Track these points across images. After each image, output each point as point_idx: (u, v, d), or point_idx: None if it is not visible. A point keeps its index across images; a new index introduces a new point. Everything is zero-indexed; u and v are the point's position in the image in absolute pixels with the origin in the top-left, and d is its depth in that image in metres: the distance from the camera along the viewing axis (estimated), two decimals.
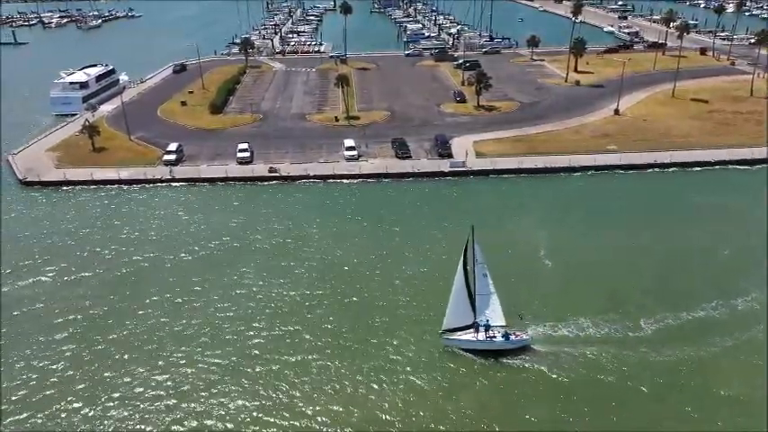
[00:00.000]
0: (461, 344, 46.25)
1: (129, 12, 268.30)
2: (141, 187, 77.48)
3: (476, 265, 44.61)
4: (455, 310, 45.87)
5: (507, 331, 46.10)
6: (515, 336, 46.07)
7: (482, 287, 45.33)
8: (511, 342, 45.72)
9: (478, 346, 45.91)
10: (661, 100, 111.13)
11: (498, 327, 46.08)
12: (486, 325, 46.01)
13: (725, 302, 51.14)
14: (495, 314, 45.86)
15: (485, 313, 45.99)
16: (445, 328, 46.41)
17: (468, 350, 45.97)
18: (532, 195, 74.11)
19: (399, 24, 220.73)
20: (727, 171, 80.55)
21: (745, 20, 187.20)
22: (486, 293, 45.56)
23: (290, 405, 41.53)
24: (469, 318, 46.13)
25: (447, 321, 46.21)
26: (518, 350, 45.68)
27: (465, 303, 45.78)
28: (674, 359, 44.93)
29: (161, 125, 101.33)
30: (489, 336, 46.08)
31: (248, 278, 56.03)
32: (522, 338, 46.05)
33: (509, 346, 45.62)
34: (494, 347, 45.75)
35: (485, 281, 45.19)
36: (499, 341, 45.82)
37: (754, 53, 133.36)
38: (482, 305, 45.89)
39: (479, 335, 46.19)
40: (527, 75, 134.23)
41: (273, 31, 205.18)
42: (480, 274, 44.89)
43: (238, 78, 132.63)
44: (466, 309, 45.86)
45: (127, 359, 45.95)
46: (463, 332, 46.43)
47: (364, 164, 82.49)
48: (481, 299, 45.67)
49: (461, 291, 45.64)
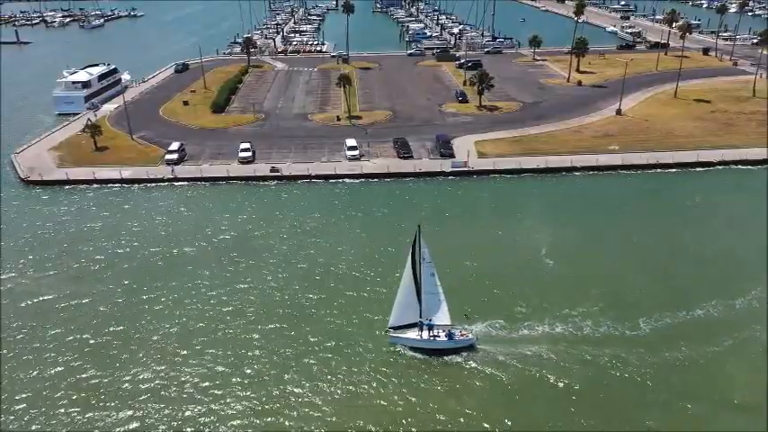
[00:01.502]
0: (406, 342, 46.68)
1: (131, 11, 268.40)
2: (143, 187, 77.55)
3: (423, 264, 44.64)
4: (402, 307, 46.17)
5: (451, 331, 46.42)
6: (460, 335, 46.33)
7: (429, 286, 45.30)
8: (454, 342, 45.97)
9: (422, 345, 46.28)
10: (663, 100, 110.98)
11: (442, 326, 46.34)
12: (429, 324, 46.29)
13: (724, 302, 51.10)
14: (441, 313, 46.00)
15: (431, 312, 46.12)
16: (391, 326, 46.77)
17: (413, 348, 46.34)
18: (534, 195, 74.08)
19: (401, 24, 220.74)
20: (730, 171, 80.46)
21: (747, 20, 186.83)
22: (433, 292, 45.58)
23: (288, 404, 41.66)
24: (415, 316, 46.32)
25: (393, 319, 46.59)
26: (463, 349, 45.90)
27: (412, 302, 45.92)
28: (670, 358, 44.96)
29: (163, 124, 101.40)
30: (433, 335, 46.35)
31: (249, 276, 56.10)
32: (466, 338, 46.23)
33: (453, 346, 45.86)
34: (437, 347, 46.04)
35: (432, 280, 45.19)
36: (442, 340, 46.11)
37: (756, 53, 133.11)
38: (429, 304, 45.96)
39: (423, 334, 46.48)
40: (529, 75, 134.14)
41: (275, 30, 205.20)
42: (428, 273, 44.91)
43: (240, 78, 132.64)
44: (412, 307, 46.02)
45: (128, 357, 46.01)
46: (408, 330, 46.79)
47: (366, 163, 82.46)
48: (428, 298, 45.73)
49: (408, 289, 45.70)
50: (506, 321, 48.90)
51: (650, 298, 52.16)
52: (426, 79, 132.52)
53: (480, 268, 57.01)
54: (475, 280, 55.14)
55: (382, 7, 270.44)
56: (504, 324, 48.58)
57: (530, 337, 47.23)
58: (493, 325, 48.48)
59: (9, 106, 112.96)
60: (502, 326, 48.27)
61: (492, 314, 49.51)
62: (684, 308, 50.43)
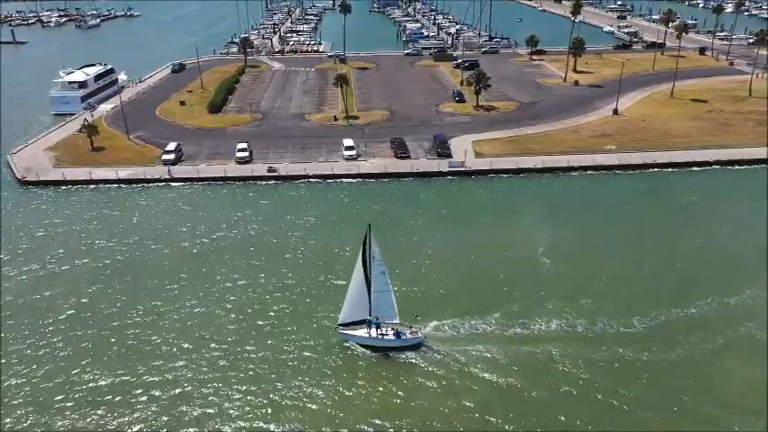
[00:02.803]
0: (355, 339, 47.14)
1: (127, 11, 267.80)
2: (140, 187, 77.39)
3: (373, 263, 44.91)
4: (352, 305, 46.63)
5: (399, 329, 46.77)
6: (408, 334, 46.56)
7: (380, 284, 45.60)
8: (402, 340, 46.41)
9: (371, 343, 46.71)
10: (660, 100, 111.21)
11: (390, 324, 46.74)
12: (377, 323, 46.60)
13: (719, 300, 51.34)
14: (390, 312, 46.33)
15: (381, 310, 46.39)
16: (341, 323, 47.14)
17: (362, 345, 46.71)
18: (531, 195, 74.14)
19: (398, 24, 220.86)
20: (727, 171, 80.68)
21: (744, 20, 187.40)
22: (383, 291, 45.85)
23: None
24: (365, 313, 46.67)
25: (343, 315, 47.08)
26: (412, 347, 46.20)
27: (362, 299, 46.19)
28: (665, 357, 45.17)
29: (160, 125, 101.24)
30: (381, 333, 46.71)
31: (242, 276, 56.06)
32: (414, 337, 46.52)
33: (400, 344, 46.25)
34: (385, 345, 46.44)
35: (383, 278, 45.48)
36: (390, 339, 46.52)
37: (753, 53, 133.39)
38: (379, 302, 46.20)
39: (372, 331, 46.87)
40: (526, 75, 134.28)
41: (272, 30, 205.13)
42: (378, 271, 45.17)
43: (237, 78, 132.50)
44: (362, 305, 46.34)
45: (122, 354, 46.04)
46: (357, 328, 47.17)
47: (363, 163, 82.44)
48: (378, 296, 45.96)
49: (359, 287, 46.03)
50: (502, 318, 49.09)
51: (646, 296, 52.32)
52: (424, 79, 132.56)
53: (475, 267, 57.19)
54: (468, 278, 55.28)
55: (379, 7, 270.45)
56: (499, 321, 48.83)
57: (524, 336, 47.41)
58: (488, 322, 48.75)
59: (5, 106, 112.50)
60: (495, 322, 48.63)
61: (486, 311, 49.69)
62: (679, 306, 50.62)
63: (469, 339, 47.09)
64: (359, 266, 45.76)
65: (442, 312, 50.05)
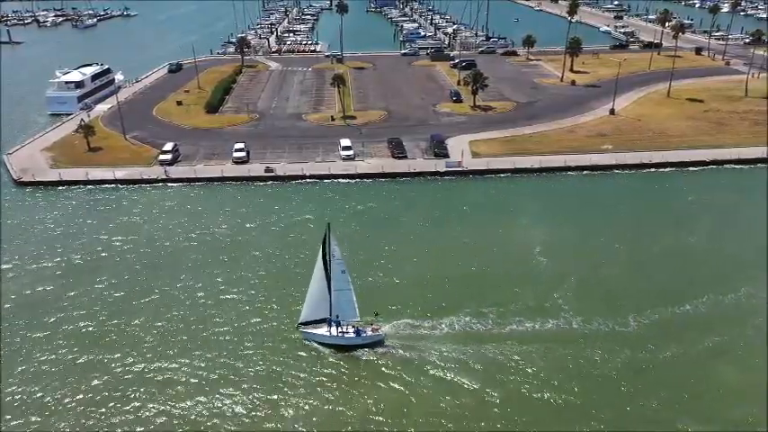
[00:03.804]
0: (316, 337, 47.27)
1: (124, 11, 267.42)
2: (137, 187, 77.27)
3: (333, 262, 45.03)
4: (312, 304, 46.76)
5: (359, 327, 46.85)
6: (369, 331, 46.79)
7: (340, 283, 45.76)
8: (362, 338, 46.58)
9: (331, 341, 46.86)
10: (656, 100, 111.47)
11: (351, 322, 46.88)
12: (337, 321, 46.76)
13: (714, 299, 51.59)
14: (350, 310, 46.47)
15: (341, 309, 46.50)
16: (301, 321, 47.40)
17: (323, 344, 46.81)
18: (528, 195, 74.30)
19: (395, 24, 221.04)
20: (723, 171, 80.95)
21: (740, 20, 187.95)
22: (343, 289, 46.01)
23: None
24: (325, 312, 46.87)
25: (304, 314, 47.28)
26: (373, 345, 46.42)
27: (322, 298, 46.34)
28: (661, 355, 45.36)
29: (156, 125, 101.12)
30: (341, 331, 46.91)
31: (242, 276, 56.08)
32: (375, 334, 46.74)
33: (361, 342, 46.45)
34: (346, 343, 46.61)
35: (343, 277, 45.64)
36: (351, 337, 46.70)
37: (749, 53, 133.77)
38: (339, 301, 46.32)
39: (332, 330, 47.05)
40: (523, 74, 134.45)
41: (269, 30, 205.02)
42: (338, 270, 45.35)
43: (234, 78, 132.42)
44: (322, 303, 46.50)
45: (119, 356, 46.02)
46: (318, 326, 47.41)
47: (360, 163, 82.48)
48: (339, 295, 46.11)
49: (319, 286, 46.19)
50: (497, 317, 49.29)
51: (640, 295, 52.58)
52: (421, 79, 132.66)
53: (471, 265, 57.41)
54: (465, 277, 55.46)
55: (376, 7, 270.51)
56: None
57: (517, 333, 47.68)
58: (481, 321, 48.91)
59: (2, 106, 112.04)
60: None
61: (479, 309, 49.92)
62: (675, 304, 50.87)
63: (433, 338, 47.15)
64: (319, 265, 46.00)
65: (412, 310, 50.23)
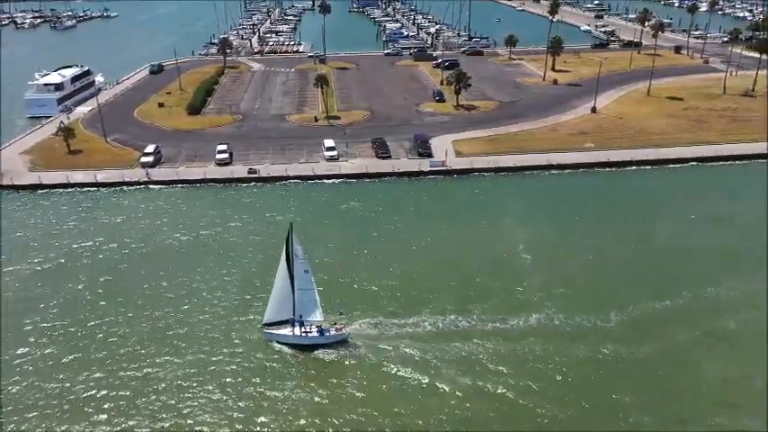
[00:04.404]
0: (278, 338, 47.29)
1: (104, 12, 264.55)
2: (118, 190, 76.54)
3: (296, 261, 45.06)
4: (276, 304, 46.86)
5: (323, 327, 46.96)
6: (333, 331, 46.89)
7: (303, 283, 45.82)
8: (326, 337, 46.65)
9: (295, 341, 46.90)
10: (637, 98, 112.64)
11: (315, 322, 46.96)
12: (300, 321, 46.80)
13: (694, 293, 52.26)
14: (314, 310, 46.55)
15: (305, 308, 46.55)
16: (265, 322, 47.44)
17: (286, 344, 46.86)
18: (512, 193, 74.77)
19: (378, 24, 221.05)
20: (703, 168, 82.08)
21: (718, 18, 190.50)
22: (306, 289, 46.07)
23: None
24: (289, 312, 46.87)
25: (268, 315, 47.37)
26: (337, 344, 46.52)
27: (286, 298, 46.37)
28: (642, 349, 45.90)
29: (138, 127, 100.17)
30: (305, 331, 46.98)
31: (222, 277, 55.77)
32: (338, 334, 46.82)
33: (324, 341, 46.50)
34: (309, 342, 46.69)
35: (306, 277, 45.73)
36: (314, 336, 46.77)
37: (727, 51, 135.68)
38: (303, 301, 46.38)
39: (296, 330, 47.08)
40: (505, 74, 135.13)
41: (252, 30, 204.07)
42: (301, 270, 45.42)
43: (216, 79, 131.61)
44: (286, 304, 46.52)
45: (94, 359, 45.70)
46: (281, 326, 47.42)
47: (344, 164, 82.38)
48: (302, 294, 46.17)
49: (283, 286, 46.22)
50: (481, 313, 49.60)
51: (622, 291, 53.22)
52: (404, 79, 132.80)
53: (454, 264, 57.78)
54: (447, 275, 55.73)
55: (359, 7, 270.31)
56: (480, 316, 49.31)
57: (499, 330, 48.00)
58: (465, 318, 49.29)
59: None
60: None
61: (464, 306, 50.15)
62: (656, 299, 51.53)
63: (402, 336, 47.35)
64: (282, 265, 45.93)
65: (384, 309, 50.54)
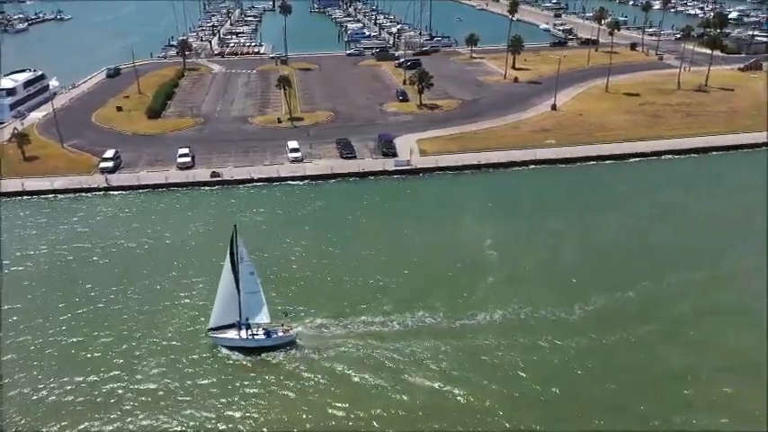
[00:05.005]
0: (225, 341, 46.88)
1: (57, 14, 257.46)
2: (77, 196, 74.68)
3: (242, 264, 44.84)
4: (221, 308, 46.33)
5: (269, 329, 46.89)
6: (280, 332, 46.82)
7: (249, 285, 45.57)
8: (272, 339, 46.55)
9: (241, 344, 46.58)
10: (595, 95, 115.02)
11: (261, 324, 46.75)
12: (246, 324, 46.68)
13: (652, 284, 53.59)
14: (261, 312, 46.34)
15: (251, 311, 46.32)
16: (211, 327, 46.96)
17: (234, 348, 46.57)
18: (477, 190, 75.47)
19: (340, 24, 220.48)
20: (661, 161, 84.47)
21: (670, 16, 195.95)
22: (253, 292, 45.84)
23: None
24: (235, 316, 46.51)
25: (214, 319, 46.74)
26: (284, 346, 46.45)
27: (231, 302, 46.02)
28: (606, 340, 46.98)
29: (96, 132, 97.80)
30: (251, 333, 46.84)
31: (184, 282, 54.97)
32: (285, 335, 46.70)
33: (271, 344, 46.40)
34: (256, 345, 46.48)
35: (252, 279, 45.52)
36: (261, 338, 46.63)
37: (680, 48, 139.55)
38: (249, 303, 46.14)
39: (242, 333, 46.83)
40: (467, 73, 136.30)
41: (211, 32, 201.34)
42: (247, 272, 45.17)
43: (176, 81, 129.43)
44: (232, 307, 46.15)
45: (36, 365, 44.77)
46: (228, 330, 47.01)
47: (309, 165, 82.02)
48: (248, 297, 45.92)
49: (228, 289, 45.81)
50: (448, 310, 50.11)
51: (585, 283, 54.18)
52: (366, 79, 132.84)
53: (420, 261, 58.11)
54: (413, 273, 56.02)
55: (320, 7, 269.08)
56: (446, 313, 49.81)
57: (469, 326, 48.60)
58: (434, 316, 49.74)
59: None
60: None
61: (433, 305, 50.52)
62: (618, 291, 52.65)
63: (349, 336, 47.37)
64: (227, 268, 45.37)
65: (332, 309, 50.49)
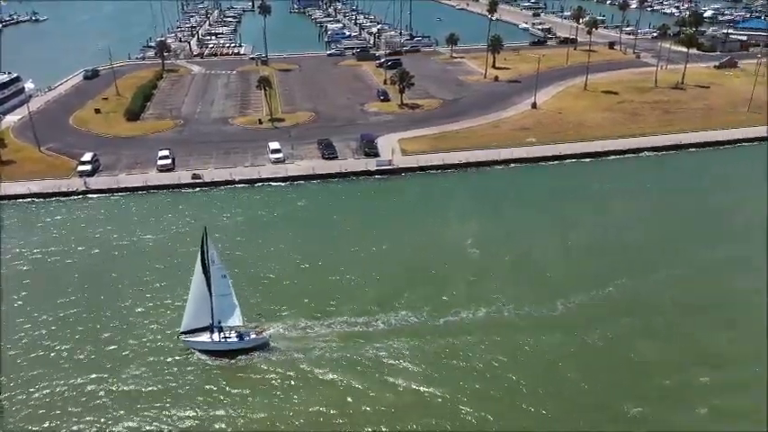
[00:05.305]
0: (197, 345, 46.56)
1: (32, 15, 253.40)
2: (55, 200, 73.64)
3: (213, 267, 44.66)
4: (193, 311, 45.95)
5: (241, 332, 46.66)
6: (253, 335, 46.58)
7: (221, 288, 45.38)
8: (245, 342, 46.23)
9: (214, 347, 46.29)
10: (575, 93, 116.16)
11: (234, 327, 46.52)
12: (219, 327, 46.38)
13: (631, 282, 54.27)
14: (233, 315, 46.09)
15: (224, 314, 46.02)
16: (183, 330, 46.58)
17: (206, 351, 46.23)
18: (458, 189, 75.88)
19: (320, 24, 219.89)
20: (639, 158, 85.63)
21: (647, 15, 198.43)
22: (224, 294, 45.64)
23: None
24: (207, 319, 46.21)
25: (186, 323, 46.35)
26: (257, 348, 46.19)
27: (203, 305, 45.71)
28: (588, 337, 47.45)
29: (74, 134, 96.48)
30: (224, 336, 46.56)
31: (161, 285, 54.44)
32: (258, 338, 46.47)
33: (244, 346, 46.09)
34: (229, 348, 46.14)
35: (224, 282, 45.31)
36: (234, 341, 46.35)
37: (656, 46, 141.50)
38: (221, 306, 45.89)
39: (214, 336, 46.54)
40: (447, 72, 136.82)
41: (190, 33, 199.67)
42: (218, 275, 44.97)
43: (155, 83, 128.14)
44: (204, 310, 45.79)
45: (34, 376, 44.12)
46: (200, 333, 46.66)
47: (291, 166, 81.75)
48: (220, 300, 45.67)
49: (200, 292, 45.51)
50: (433, 310, 50.31)
51: (567, 280, 54.82)
52: (347, 79, 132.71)
53: (403, 260, 58.49)
54: (399, 272, 56.24)
55: (299, 8, 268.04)
56: (431, 312, 50.10)
57: (452, 324, 48.99)
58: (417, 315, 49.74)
59: None
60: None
61: (416, 304, 50.69)
62: (599, 287, 53.21)
63: (325, 337, 47.36)
64: (198, 271, 45.01)
65: (310, 309, 50.59)
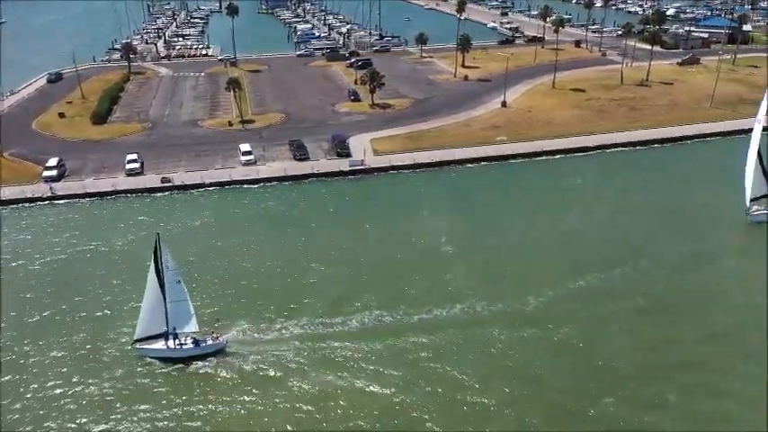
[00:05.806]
0: (152, 353, 45.99)
1: None
2: (20, 207, 72.00)
3: (167, 273, 44.21)
4: (147, 318, 45.33)
5: (197, 338, 46.29)
6: (210, 340, 46.23)
7: (176, 294, 44.87)
8: (202, 348, 45.86)
9: (169, 354, 45.80)
10: (543, 91, 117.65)
11: (190, 333, 46.18)
12: (174, 333, 45.94)
13: (603, 275, 55.32)
14: (189, 321, 45.71)
15: (179, 320, 45.54)
16: (137, 338, 45.89)
17: (161, 358, 45.74)
18: (431, 188, 76.31)
19: (289, 25, 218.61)
20: (606, 154, 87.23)
21: (612, 14, 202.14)
22: (180, 300, 45.13)
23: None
24: (162, 326, 45.58)
25: (139, 330, 45.68)
26: (214, 354, 45.92)
27: (157, 311, 45.18)
28: (560, 330, 48.30)
29: (38, 139, 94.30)
30: (179, 343, 46.11)
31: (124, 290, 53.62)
32: (215, 343, 46.12)
33: (201, 352, 45.74)
34: (185, 354, 45.75)
35: (179, 287, 44.82)
36: (189, 348, 45.91)
37: (621, 44, 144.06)
38: (177, 312, 45.40)
39: (170, 343, 46.09)
40: (417, 72, 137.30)
41: (156, 34, 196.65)
42: (173, 280, 44.46)
43: (122, 86, 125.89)
44: (158, 317, 45.23)
45: None
46: (155, 341, 46.09)
47: (262, 168, 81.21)
48: (175, 306, 45.18)
49: (154, 299, 44.95)
50: (408, 307, 50.62)
51: (538, 276, 55.70)
52: (318, 79, 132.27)
53: (378, 259, 58.83)
54: (373, 272, 56.52)
55: (268, 8, 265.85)
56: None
57: (426, 321, 49.16)
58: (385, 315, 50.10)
59: None
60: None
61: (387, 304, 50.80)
62: (569, 282, 54.15)
63: (284, 340, 47.43)
64: (152, 278, 44.33)
65: (277, 312, 50.51)
